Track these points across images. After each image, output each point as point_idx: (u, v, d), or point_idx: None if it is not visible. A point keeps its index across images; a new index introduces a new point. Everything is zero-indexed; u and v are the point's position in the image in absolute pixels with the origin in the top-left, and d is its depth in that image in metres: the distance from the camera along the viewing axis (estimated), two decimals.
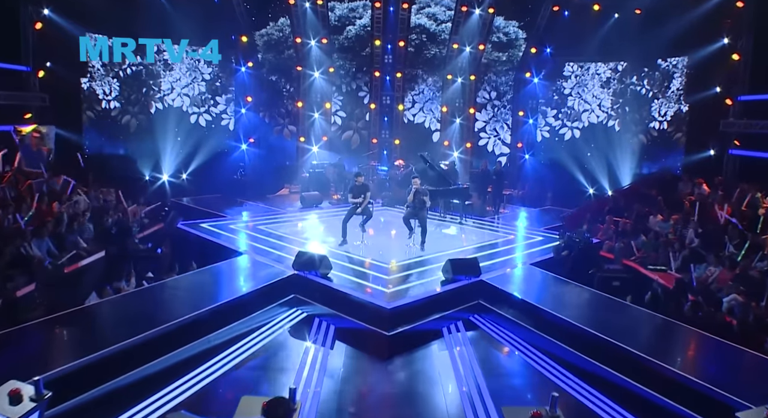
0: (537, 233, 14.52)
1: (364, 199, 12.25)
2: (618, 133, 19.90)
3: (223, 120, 21.19)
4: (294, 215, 16.15)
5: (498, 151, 21.84)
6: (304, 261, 9.89)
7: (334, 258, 11.15)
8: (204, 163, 19.77)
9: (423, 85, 22.01)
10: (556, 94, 21.05)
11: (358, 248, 12.19)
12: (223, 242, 12.14)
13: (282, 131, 21.86)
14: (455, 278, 9.87)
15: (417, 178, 12.29)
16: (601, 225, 15.48)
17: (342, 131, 22.10)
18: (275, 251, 11.63)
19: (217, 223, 14.09)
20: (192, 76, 20.44)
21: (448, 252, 12.12)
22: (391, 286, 9.52)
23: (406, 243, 12.43)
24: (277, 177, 20.64)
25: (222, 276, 10.08)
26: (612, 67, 19.94)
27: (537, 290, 10.24)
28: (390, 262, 11.05)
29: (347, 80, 21.84)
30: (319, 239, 13.17)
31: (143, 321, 7.59)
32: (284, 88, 21.72)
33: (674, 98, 18.52)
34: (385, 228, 14.79)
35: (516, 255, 12.24)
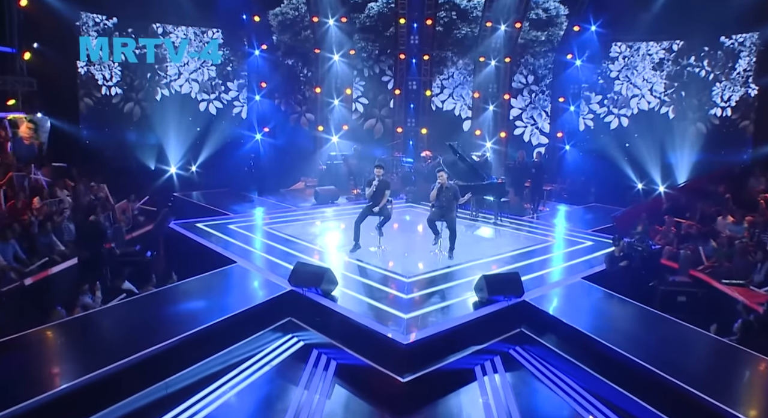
0: (585, 237, 12.52)
1: (382, 197, 10.42)
2: (672, 122, 17.69)
3: (235, 108, 19.60)
4: (305, 213, 14.43)
5: (535, 142, 19.79)
6: (304, 275, 8.13)
7: (343, 269, 9.41)
8: (214, 155, 18.35)
9: (453, 69, 20.04)
10: (602, 77, 18.86)
11: (374, 255, 10.39)
12: (216, 246, 10.46)
13: (299, 120, 20.19)
14: (491, 299, 7.99)
15: (443, 171, 10.39)
16: (659, 227, 13.44)
17: (364, 120, 20.32)
18: (274, 259, 9.91)
19: (215, 222, 12.43)
20: (201, 60, 18.82)
21: (481, 261, 10.26)
22: (410, 309, 7.68)
23: (431, 249, 10.59)
24: (293, 170, 19.02)
25: (203, 292, 8.39)
26: (666, 46, 17.68)
27: (593, 314, 8.30)
28: (410, 275, 9.21)
29: (369, 64, 20.00)
30: (329, 243, 11.40)
31: (87, 356, 5.96)
32: (301, 73, 19.99)
33: (740, 81, 16.21)
34: (407, 229, 12.94)
35: (563, 265, 10.27)
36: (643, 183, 17.76)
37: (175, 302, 8.02)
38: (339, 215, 14.31)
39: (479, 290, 8.15)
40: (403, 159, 18.98)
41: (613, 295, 8.92)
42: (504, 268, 9.88)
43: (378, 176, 10.43)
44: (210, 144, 18.53)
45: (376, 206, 10.38)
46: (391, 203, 10.86)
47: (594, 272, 9.98)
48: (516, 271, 8.59)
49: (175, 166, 17.95)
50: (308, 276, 8.11)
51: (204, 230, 11.65)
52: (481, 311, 7.76)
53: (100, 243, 9.92)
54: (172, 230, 11.68)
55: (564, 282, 9.28)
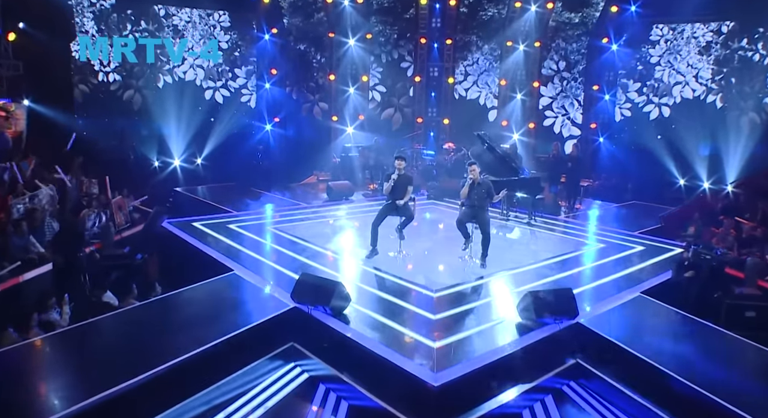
0: (632, 240, 11.01)
1: (404, 194, 9.02)
2: (720, 111, 16.04)
3: (243, 96, 18.28)
4: (317, 210, 13.06)
5: (566, 134, 18.25)
6: (309, 290, 6.77)
7: (358, 279, 8.03)
8: (221, 147, 17.08)
9: (477, 54, 18.55)
10: (641, 63, 17.24)
11: (393, 261, 9.01)
12: (211, 250, 9.11)
13: (311, 109, 18.83)
14: (539, 322, 6.56)
15: (475, 165, 8.95)
16: (716, 229, 11.88)
17: (381, 109, 18.92)
18: (277, 267, 8.56)
19: (214, 221, 11.11)
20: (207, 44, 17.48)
21: (519, 270, 8.84)
22: (440, 335, 6.28)
23: (461, 256, 9.18)
24: (304, 163, 17.71)
25: (190, 309, 7.07)
26: (714, 28, 16.01)
27: (659, 338, 6.83)
28: (437, 288, 7.81)
29: (387, 49, 18.57)
30: (342, 248, 10.03)
31: (50, 391, 4.65)
32: (314, 59, 18.61)
33: None
34: (430, 230, 11.54)
35: (614, 276, 8.79)
36: (685, 179, 16.19)
37: (154, 322, 6.69)
38: (354, 213, 12.93)
39: (524, 310, 6.73)
40: (423, 152, 17.57)
41: (678, 313, 7.48)
42: (545, 280, 8.44)
43: (399, 170, 9.03)
44: (216, 135, 17.27)
45: (397, 204, 8.97)
46: (414, 201, 9.45)
47: (653, 284, 8.50)
48: (568, 287, 7.13)
49: (179, 158, 16.72)
50: (315, 291, 6.74)
51: (200, 231, 10.33)
52: (527, 337, 6.33)
53: (76, 246, 8.61)
54: (165, 230, 10.37)
55: (621, 298, 7.80)
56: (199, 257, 9.03)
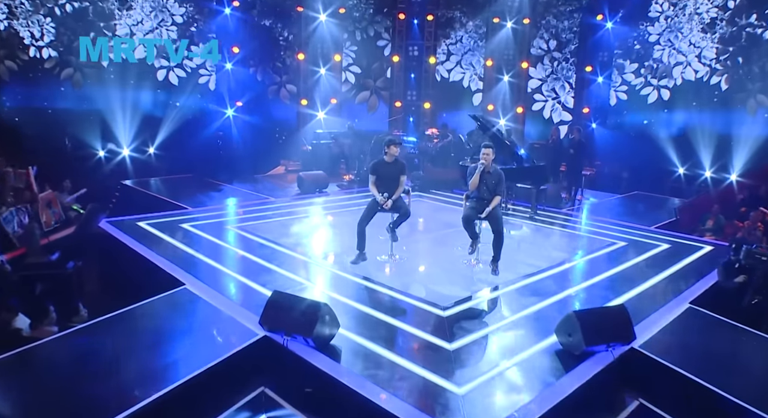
0: (652, 236, 9.60)
1: (396, 186, 7.40)
2: (725, 94, 14.76)
3: (202, 77, 16.31)
4: (287, 205, 11.30)
5: (557, 119, 16.82)
6: (283, 313, 5.07)
7: (344, 293, 6.35)
8: (176, 134, 15.16)
9: (461, 32, 16.95)
10: (638, 42, 15.85)
11: (384, 267, 7.37)
12: (158, 258, 7.28)
13: (278, 92, 16.96)
14: (586, 350, 5.01)
15: (490, 148, 7.34)
16: (740, 223, 10.59)
17: (356, 92, 17.21)
18: (242, 279, 6.81)
19: (165, 220, 9.28)
20: (159, 17, 15.45)
21: (537, 277, 7.29)
22: (462, 376, 4.67)
23: (466, 260, 7.60)
24: (271, 151, 15.99)
25: (125, 342, 5.27)
26: (719, 3, 14.69)
27: (728, 363, 5.37)
28: (446, 304, 6.20)
29: (362, 25, 16.81)
30: (320, 252, 8.31)
31: None
32: (281, 36, 16.72)
33: None
34: (424, 228, 9.91)
35: (651, 283, 7.30)
36: (685, 167, 14.98)
37: (75, 360, 4.89)
38: (330, 207, 11.22)
39: (566, 334, 5.16)
40: (404, 138, 15.89)
41: (746, 330, 6.03)
42: (572, 289, 6.91)
43: (391, 156, 7.40)
44: (171, 121, 15.31)
45: (389, 199, 7.31)
46: (409, 194, 7.80)
47: (699, 292, 7.05)
48: (620, 305, 5.57)
49: (128, 147, 14.74)
50: (292, 315, 5.04)
51: (146, 232, 8.48)
52: (578, 373, 4.76)
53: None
54: (103, 231, 8.48)
55: (669, 312, 6.31)
56: (141, 267, 7.20)
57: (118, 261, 7.78)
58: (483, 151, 7.33)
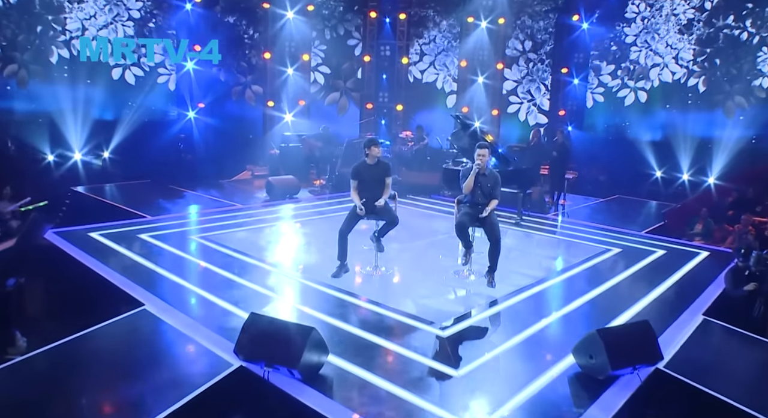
0: (645, 242, 9.13)
1: (382, 189, 6.71)
2: (703, 95, 14.56)
3: (161, 76, 15.28)
4: (256, 212, 10.46)
5: (532, 121, 16.38)
6: (263, 340, 4.29)
7: (327, 312, 5.60)
8: (134, 137, 14.11)
9: (435, 31, 16.38)
10: (615, 43, 15.57)
11: (369, 280, 6.65)
12: (112, 274, 6.38)
13: (243, 93, 16.06)
14: (611, 375, 4.39)
15: (486, 148, 6.71)
16: (730, 226, 10.25)
17: (325, 93, 16.43)
18: (209, 297, 5.97)
19: (121, 230, 8.35)
20: (113, 12, 14.41)
21: (537, 289, 6.67)
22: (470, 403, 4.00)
23: (457, 271, 6.95)
24: (236, 155, 15.05)
25: (76, 375, 4.40)
26: (696, 4, 14.49)
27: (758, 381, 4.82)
28: (442, 322, 5.51)
29: (332, 23, 16.09)
30: (296, 264, 7.51)
31: None
32: (246, 34, 15.84)
33: None
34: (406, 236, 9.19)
35: (659, 293, 6.76)
36: (662, 171, 14.72)
37: (9, 404, 3.98)
38: (303, 215, 10.43)
39: (587, 356, 4.53)
40: None
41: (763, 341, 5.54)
42: (578, 302, 6.30)
43: (373, 157, 6.72)
44: (127, 123, 14.26)
45: (374, 204, 6.61)
46: (396, 199, 7.09)
47: (709, 301, 6.56)
48: (645, 320, 4.96)
49: (80, 151, 13.64)
50: (274, 342, 4.26)
51: (99, 244, 7.55)
52: (604, 403, 4.12)
53: None
54: (49, 243, 7.50)
55: (684, 325, 5.76)
56: (93, 285, 6.29)
57: (65, 278, 6.82)
58: (478, 152, 6.69)
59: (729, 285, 7.07)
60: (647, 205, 12.92)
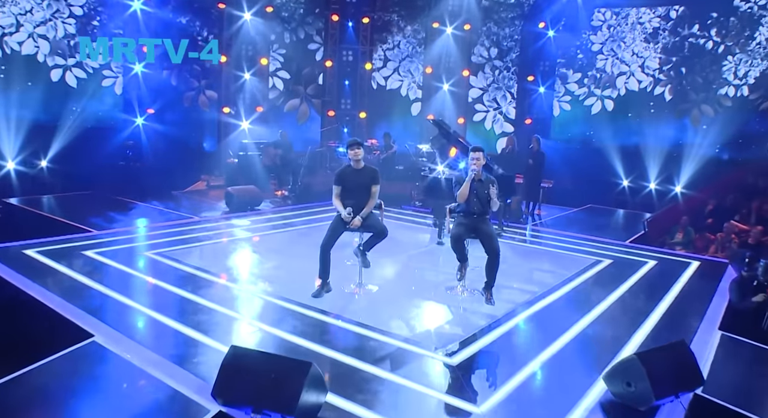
0: (634, 252, 8.72)
1: (368, 198, 6.00)
2: (670, 104, 14.51)
3: (106, 79, 14.15)
4: (215, 225, 9.53)
5: (498, 130, 16.00)
6: (249, 380, 3.47)
7: (310, 338, 4.84)
8: (75, 145, 12.95)
9: (399, 37, 15.85)
10: (581, 51, 15.38)
11: (354, 301, 5.90)
12: (54, 300, 5.40)
13: (196, 98, 15.07)
14: (654, 405, 3.81)
15: (480, 152, 6.10)
16: (711, 235, 10.00)
17: (285, 99, 15.61)
18: (172, 324, 5.09)
19: (62, 246, 7.32)
20: (53, 8, 13.23)
21: (540, 305, 6.07)
22: None
23: (449, 287, 6.30)
24: (190, 165, 14.00)
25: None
26: (662, 13, 14.46)
27: None
28: (448, 347, 4.83)
29: (292, 26, 15.34)
30: (270, 283, 6.65)
31: None
32: (199, 36, 14.88)
33: (761, 53, 13.23)
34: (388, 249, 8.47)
35: (665, 305, 6.27)
36: (629, 180, 14.57)
37: None
38: (268, 227, 9.56)
39: (624, 383, 3.96)
40: (339, 150, 14.49)
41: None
42: (582, 323, 5.72)
43: (358, 162, 6.01)
44: (68, 130, 13.08)
45: (356, 216, 5.87)
46: (382, 208, 6.37)
47: (719, 314, 6.13)
48: (681, 340, 4.39)
49: (13, 160, 12.38)
50: (263, 382, 3.45)
51: (36, 262, 6.51)
52: None
53: None
54: None
55: (703, 342, 5.27)
56: (30, 312, 5.29)
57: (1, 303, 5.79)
58: (472, 156, 6.07)
59: (735, 297, 6.68)
60: (621, 215, 12.68)
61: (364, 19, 15.23)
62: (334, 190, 6.07)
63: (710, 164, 13.30)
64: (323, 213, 10.66)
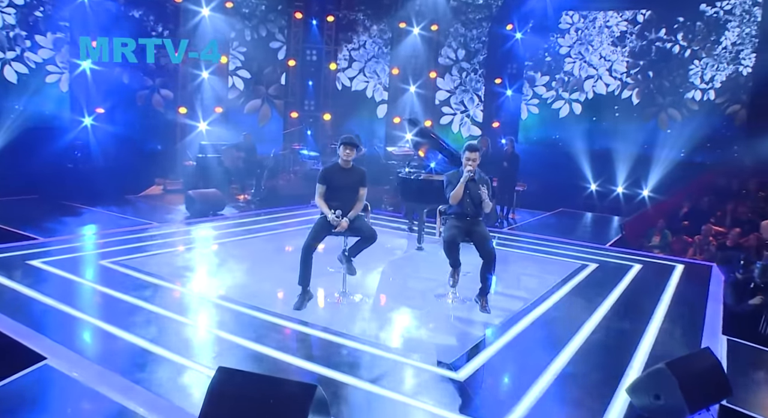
0: (617, 256, 8.46)
1: (355, 200, 5.50)
2: (637, 108, 14.52)
3: (50, 75, 13.11)
4: (176, 231, 8.80)
5: (466, 133, 15.71)
6: (244, 407, 2.88)
7: (295, 353, 4.27)
8: (16, 146, 11.88)
9: (365, 36, 15.40)
10: (549, 54, 15.27)
11: (338, 311, 5.35)
12: None
13: (150, 98, 14.20)
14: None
15: (476, 151, 5.70)
16: (689, 238, 9.87)
17: (245, 100, 14.89)
18: (137, 342, 4.43)
19: (4, 255, 6.50)
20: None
21: (537, 313, 5.66)
22: None
23: (439, 294, 5.85)
24: (143, 167, 13.14)
25: None
26: (629, 17, 14.48)
27: None
28: (454, 361, 4.35)
29: (253, 23, 14.66)
30: (244, 293, 6.00)
31: None
32: (154, 31, 14.03)
33: (727, 58, 13.33)
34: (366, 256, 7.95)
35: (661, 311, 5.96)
36: (597, 184, 14.50)
37: None
38: (234, 234, 8.87)
39: (652, 396, 3.59)
40: (303, 153, 13.90)
41: None
42: (586, 330, 5.34)
43: (347, 161, 5.50)
44: (8, 129, 12.05)
45: (343, 217, 5.35)
46: (368, 212, 5.83)
47: (719, 319, 5.85)
48: (706, 348, 4.03)
49: None
50: (259, 410, 2.87)
51: None
52: None
53: None
54: None
55: (714, 349, 4.96)
56: None
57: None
58: (467, 156, 5.65)
59: (731, 300, 6.46)
60: (593, 218, 12.50)
61: (328, 18, 14.70)
62: (318, 189, 5.52)
63: (678, 168, 13.29)
64: (290, 218, 10.10)
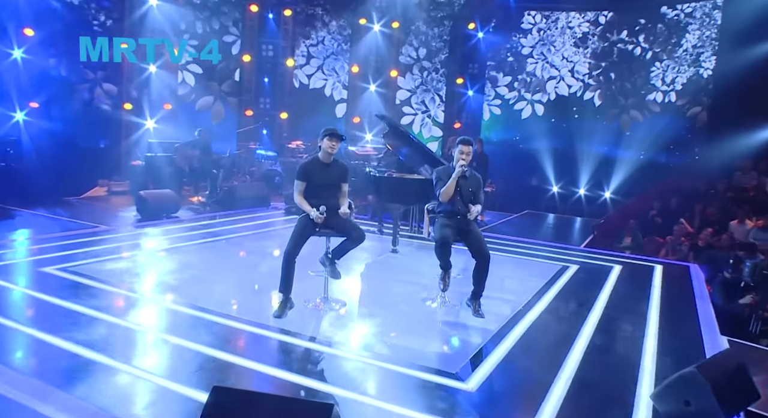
0: (596, 257, 8.23)
1: (339, 196, 4.97)
2: (599, 109, 14.51)
3: None
4: (127, 235, 7.97)
5: (427, 134, 15.36)
6: None
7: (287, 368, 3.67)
8: None
9: (323, 32, 14.81)
10: (511, 54, 15.10)
11: (322, 319, 4.78)
12: None
13: (92, 92, 13.15)
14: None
15: (469, 145, 5.28)
16: (660, 238, 9.77)
17: (197, 96, 14.04)
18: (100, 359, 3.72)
19: None
20: None
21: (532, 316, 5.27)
22: None
23: (428, 298, 5.39)
24: (84, 167, 12.11)
25: None
26: (591, 18, 14.46)
27: None
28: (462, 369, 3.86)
29: (206, 14, 13.83)
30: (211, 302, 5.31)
31: None
32: (95, 20, 13.02)
33: (688, 60, 13.44)
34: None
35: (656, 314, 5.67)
36: (559, 186, 14.46)
37: None
38: (191, 237, 8.10)
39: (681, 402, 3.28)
40: (259, 152, 13.19)
41: None
42: (586, 333, 4.97)
43: (328, 154, 4.94)
44: None
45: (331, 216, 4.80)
46: (352, 211, 5.27)
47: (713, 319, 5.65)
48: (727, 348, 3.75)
49: None
50: None
51: None
52: None
53: None
54: None
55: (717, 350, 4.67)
56: None
57: None
58: (461, 149, 5.23)
59: (721, 299, 6.24)
60: (560, 220, 12.34)
61: (285, 12, 14.05)
62: (297, 187, 4.93)
63: (640, 170, 13.35)
64: (250, 221, 9.43)
